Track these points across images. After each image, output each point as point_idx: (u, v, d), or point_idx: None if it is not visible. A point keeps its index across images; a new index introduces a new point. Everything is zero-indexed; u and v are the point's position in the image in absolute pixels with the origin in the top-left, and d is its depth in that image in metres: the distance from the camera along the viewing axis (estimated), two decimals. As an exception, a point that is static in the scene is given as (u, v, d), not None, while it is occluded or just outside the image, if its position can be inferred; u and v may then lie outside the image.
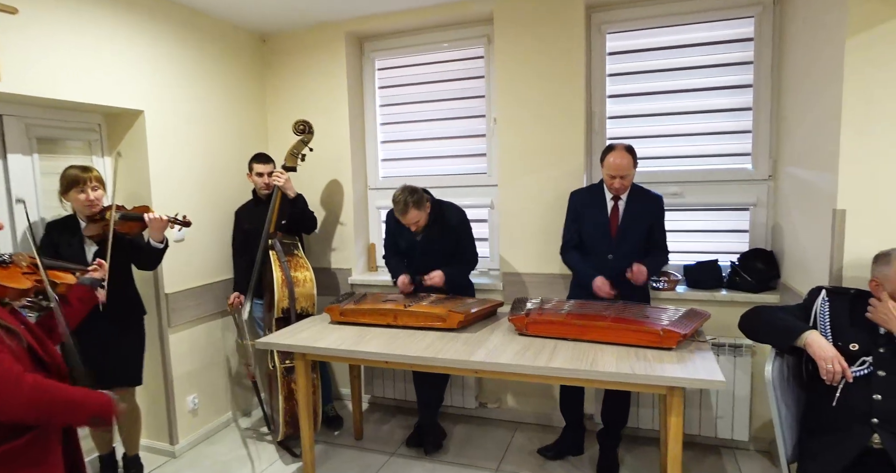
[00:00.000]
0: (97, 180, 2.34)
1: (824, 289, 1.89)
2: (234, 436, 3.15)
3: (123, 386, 2.45)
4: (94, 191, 2.32)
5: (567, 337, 2.24)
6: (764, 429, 2.74)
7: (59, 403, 1.33)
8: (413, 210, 2.59)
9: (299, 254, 3.02)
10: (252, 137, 3.49)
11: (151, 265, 2.51)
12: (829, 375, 1.69)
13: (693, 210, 2.95)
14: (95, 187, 2.32)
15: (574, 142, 2.95)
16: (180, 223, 2.47)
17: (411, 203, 2.57)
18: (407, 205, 2.57)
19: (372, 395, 3.49)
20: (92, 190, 2.31)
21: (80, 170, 2.31)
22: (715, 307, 2.73)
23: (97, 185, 2.33)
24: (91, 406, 1.40)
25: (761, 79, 2.76)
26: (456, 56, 3.33)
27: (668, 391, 1.88)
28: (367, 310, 2.57)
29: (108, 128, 2.83)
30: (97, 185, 2.33)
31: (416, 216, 2.62)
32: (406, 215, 2.60)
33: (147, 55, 2.76)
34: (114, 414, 1.47)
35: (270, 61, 3.56)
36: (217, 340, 3.23)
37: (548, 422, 3.14)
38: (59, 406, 1.34)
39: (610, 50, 3.00)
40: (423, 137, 3.45)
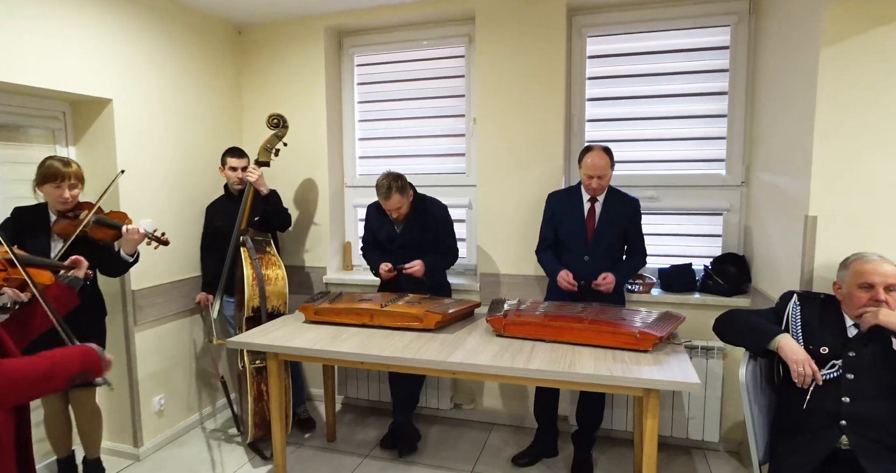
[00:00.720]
0: (77, 177, 2.20)
1: (796, 294, 1.93)
2: (201, 438, 3.06)
3: (81, 387, 2.33)
4: (71, 190, 2.19)
5: (544, 339, 2.24)
6: (733, 430, 2.80)
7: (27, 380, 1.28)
8: (396, 195, 2.57)
9: (271, 252, 2.95)
10: (226, 131, 3.39)
11: (116, 274, 2.41)
12: (800, 378, 1.73)
13: (668, 214, 2.99)
14: (74, 185, 2.19)
15: (553, 144, 2.96)
16: (158, 241, 2.35)
17: (395, 187, 2.56)
18: (391, 189, 2.56)
19: (345, 396, 3.44)
20: (69, 187, 2.18)
21: (61, 164, 2.17)
22: (688, 310, 2.77)
23: (76, 183, 2.20)
24: (67, 365, 1.36)
25: (736, 87, 2.82)
26: (436, 54, 3.30)
27: (645, 393, 1.89)
28: (343, 310, 2.53)
29: (73, 117, 2.72)
30: (76, 183, 2.20)
31: (398, 201, 2.59)
32: (389, 200, 2.58)
33: (117, 42, 2.65)
34: (100, 363, 1.44)
35: (246, 53, 3.47)
36: (185, 339, 3.13)
37: (522, 423, 3.14)
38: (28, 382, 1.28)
39: (590, 53, 3.02)
40: (401, 135, 3.42)
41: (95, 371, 1.42)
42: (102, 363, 1.44)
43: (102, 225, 2.23)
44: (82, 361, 1.39)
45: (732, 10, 2.78)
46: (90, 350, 1.44)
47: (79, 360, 1.39)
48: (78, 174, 2.22)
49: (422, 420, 3.20)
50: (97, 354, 1.44)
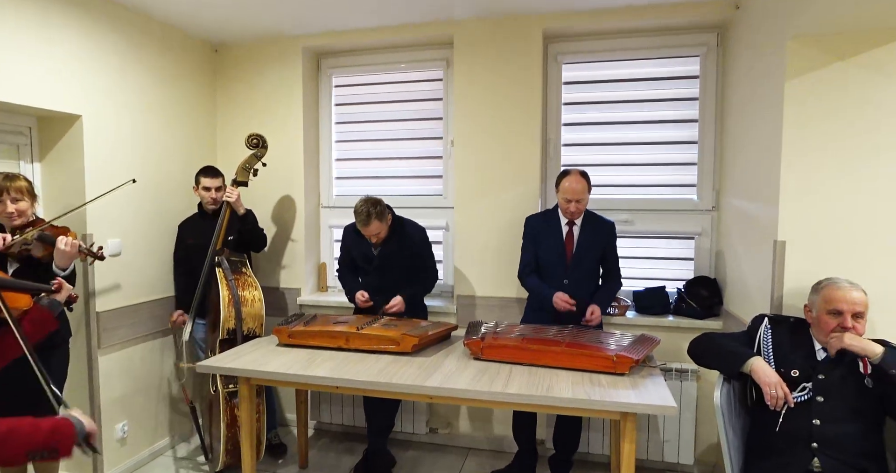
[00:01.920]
0: (20, 190, 2.11)
1: (767, 317, 1.98)
2: (167, 467, 2.93)
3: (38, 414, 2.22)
4: (15, 203, 2.10)
5: (522, 362, 2.23)
6: (708, 453, 2.82)
7: None
8: (375, 221, 2.56)
9: (247, 272, 2.89)
10: (200, 149, 3.35)
11: None
12: (772, 400, 1.75)
13: (642, 237, 3.05)
14: (17, 199, 2.11)
15: (530, 167, 3.00)
16: (92, 255, 2.24)
17: (374, 214, 2.55)
18: (370, 216, 2.54)
19: (318, 421, 3.36)
20: (12, 201, 2.10)
21: (2, 179, 2.10)
22: (662, 332, 2.80)
23: (18, 197, 2.11)
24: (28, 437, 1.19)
25: (706, 115, 2.91)
26: (415, 77, 3.34)
27: (622, 416, 1.89)
28: (317, 332, 2.48)
29: (39, 133, 2.64)
30: (18, 197, 2.11)
31: (377, 227, 2.59)
32: (368, 226, 2.57)
33: (88, 57, 2.60)
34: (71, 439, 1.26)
35: (223, 72, 3.45)
36: (153, 362, 3.02)
37: (499, 447, 3.11)
38: None
39: (566, 79, 3.09)
40: (379, 157, 3.42)
41: (63, 449, 1.25)
42: (74, 440, 1.27)
43: (44, 241, 2.13)
44: (49, 436, 1.23)
45: (701, 41, 2.89)
46: (65, 424, 1.27)
47: (44, 435, 1.23)
48: (21, 188, 2.13)
49: (396, 445, 3.14)
50: (72, 430, 1.27)
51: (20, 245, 2.10)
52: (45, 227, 2.16)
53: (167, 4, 2.78)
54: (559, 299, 2.49)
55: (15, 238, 2.09)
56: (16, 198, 2.11)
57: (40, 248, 2.14)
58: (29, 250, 2.13)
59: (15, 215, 2.12)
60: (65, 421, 1.27)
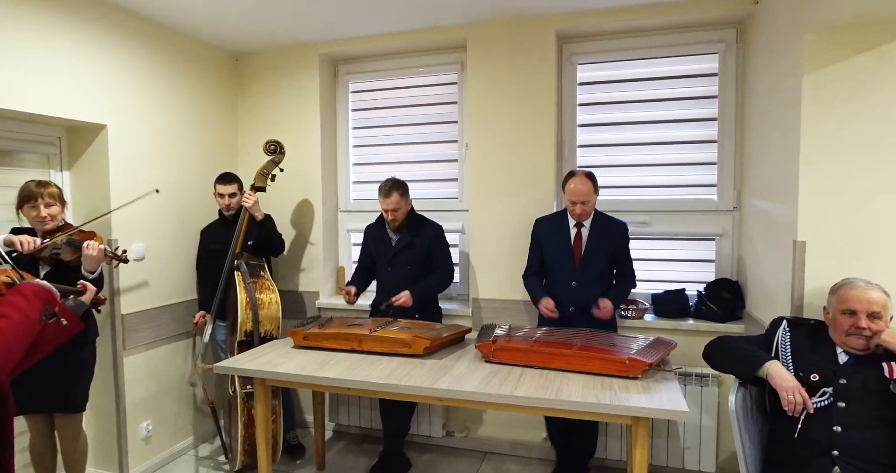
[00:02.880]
0: (51, 196, 2.23)
1: (785, 320, 1.91)
2: (189, 466, 3.00)
3: (65, 411, 2.31)
4: (48, 208, 2.21)
5: (533, 365, 2.21)
6: (731, 460, 2.73)
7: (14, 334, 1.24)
8: (395, 193, 2.67)
9: (265, 276, 2.94)
10: (221, 156, 3.43)
11: None
12: (790, 406, 1.69)
13: (661, 239, 2.98)
14: (49, 203, 2.22)
15: (545, 170, 2.98)
16: (117, 258, 2.33)
17: (396, 186, 2.69)
18: (392, 187, 2.68)
19: (336, 423, 3.39)
20: (45, 206, 2.21)
21: (35, 185, 2.22)
22: (681, 336, 2.74)
23: (51, 202, 2.22)
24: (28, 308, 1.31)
25: (725, 113, 2.84)
26: (430, 81, 3.36)
27: (633, 421, 1.86)
28: (332, 335, 2.51)
29: (68, 142, 2.75)
30: (51, 202, 2.22)
31: (397, 201, 2.68)
32: (389, 197, 2.68)
33: (113, 69, 2.70)
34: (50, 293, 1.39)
35: (243, 81, 3.54)
36: (176, 364, 3.10)
37: (516, 452, 3.08)
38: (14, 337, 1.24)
39: (581, 80, 3.06)
40: (395, 161, 3.45)
41: (53, 301, 1.38)
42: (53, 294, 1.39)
43: (72, 245, 2.23)
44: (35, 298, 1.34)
45: (720, 38, 2.83)
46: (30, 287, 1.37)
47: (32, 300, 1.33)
48: (53, 193, 2.24)
49: (413, 448, 3.14)
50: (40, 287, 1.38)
51: (50, 249, 2.20)
52: (73, 232, 2.26)
53: (190, 17, 2.86)
54: (543, 306, 2.52)
55: (45, 242, 2.18)
56: (48, 203, 2.22)
57: (69, 252, 2.23)
58: (59, 254, 2.23)
59: (47, 219, 2.22)
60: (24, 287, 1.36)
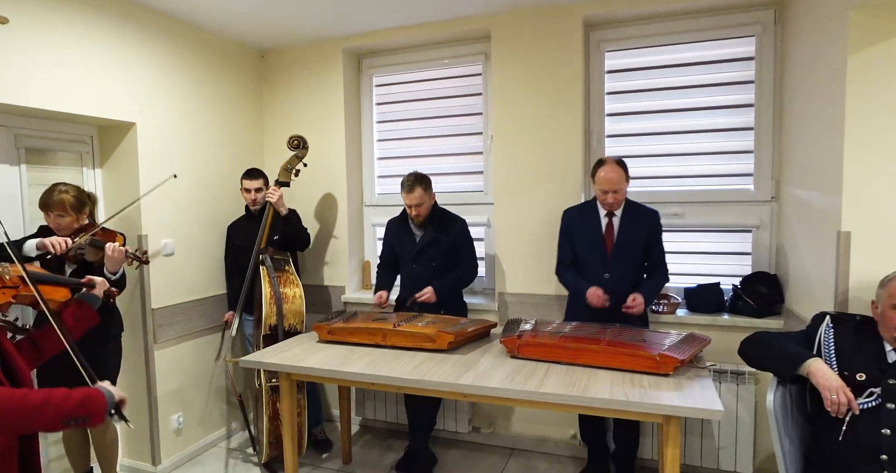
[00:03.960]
0: (62, 207, 2.20)
1: (828, 315, 1.80)
2: (219, 457, 3.05)
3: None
4: (59, 219, 2.21)
5: (560, 361, 2.15)
6: (768, 461, 2.62)
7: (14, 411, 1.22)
8: (419, 188, 2.64)
9: (290, 270, 2.96)
10: (248, 152, 3.46)
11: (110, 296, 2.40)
12: (833, 407, 1.59)
13: (694, 231, 2.87)
14: (60, 215, 2.20)
15: (572, 161, 2.90)
16: (138, 260, 2.33)
17: (419, 181, 2.66)
18: (415, 182, 2.65)
19: (363, 417, 3.39)
20: (56, 216, 2.20)
21: (52, 193, 2.21)
22: (716, 332, 2.63)
23: (62, 213, 2.20)
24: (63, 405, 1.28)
25: (762, 99, 2.71)
26: (454, 73, 3.31)
27: (664, 420, 1.78)
28: (356, 329, 2.50)
29: (100, 140, 2.81)
30: (62, 213, 2.20)
31: (420, 196, 2.65)
32: (412, 193, 2.64)
33: (141, 67, 2.75)
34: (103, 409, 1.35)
35: (268, 76, 3.55)
36: (205, 357, 3.15)
37: (544, 449, 3.02)
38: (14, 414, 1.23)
39: (609, 68, 2.96)
40: (419, 154, 3.42)
41: (95, 417, 1.33)
42: (104, 409, 1.36)
43: (95, 246, 2.24)
44: (80, 405, 1.31)
45: (757, 19, 2.69)
46: (96, 394, 1.35)
47: (76, 403, 1.30)
48: (63, 204, 2.19)
49: (439, 443, 3.12)
50: (103, 400, 1.35)
51: (75, 249, 2.23)
52: (95, 232, 2.28)
53: (216, 15, 2.88)
54: (592, 294, 2.39)
55: (74, 242, 2.22)
56: (59, 214, 2.21)
57: (92, 253, 2.27)
58: (83, 254, 2.26)
59: (60, 230, 2.23)
60: (95, 391, 1.37)
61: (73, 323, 1.70)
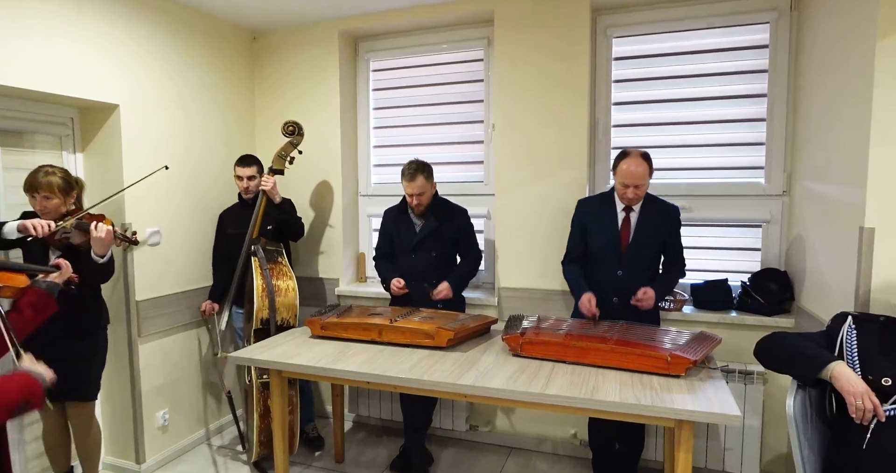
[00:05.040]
0: (50, 189, 2.10)
1: (851, 316, 1.71)
2: (207, 455, 2.94)
3: (76, 400, 2.25)
4: (45, 201, 2.10)
5: (565, 360, 2.06)
6: (775, 463, 2.55)
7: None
8: (420, 177, 2.54)
9: (283, 262, 2.84)
10: (239, 138, 3.32)
11: (96, 279, 2.25)
12: (858, 413, 1.50)
13: (702, 226, 2.78)
14: (47, 197, 2.10)
15: (577, 151, 2.79)
16: (127, 240, 2.22)
17: (421, 169, 2.55)
18: (417, 170, 2.55)
19: (357, 414, 3.29)
20: (43, 199, 2.10)
21: (39, 175, 2.10)
22: (724, 329, 2.55)
23: (49, 195, 2.10)
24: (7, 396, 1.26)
25: (776, 89, 2.61)
26: (454, 58, 3.18)
27: (677, 424, 1.69)
28: (350, 324, 2.39)
29: (81, 123, 2.67)
30: (49, 195, 2.10)
31: (422, 185, 2.55)
32: (413, 181, 2.54)
33: (126, 46, 2.60)
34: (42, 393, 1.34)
35: (260, 59, 3.41)
36: (193, 352, 3.03)
37: (543, 448, 2.94)
38: None
39: (616, 55, 2.85)
40: (418, 143, 3.29)
41: (37, 401, 1.32)
42: (42, 391, 1.35)
43: (81, 229, 2.14)
44: (22, 392, 1.30)
45: (772, 5, 2.58)
46: (29, 379, 1.34)
47: (18, 392, 1.29)
48: (53, 186, 2.10)
49: (435, 442, 3.03)
50: (37, 382, 1.35)
51: (60, 233, 2.12)
52: (82, 216, 2.17)
53: (201, -10, 2.74)
54: (583, 303, 2.30)
55: (56, 225, 2.10)
56: (46, 196, 2.11)
57: (78, 236, 2.15)
58: (69, 238, 2.15)
59: (45, 212, 2.12)
60: (28, 377, 1.35)
61: (31, 312, 1.59)
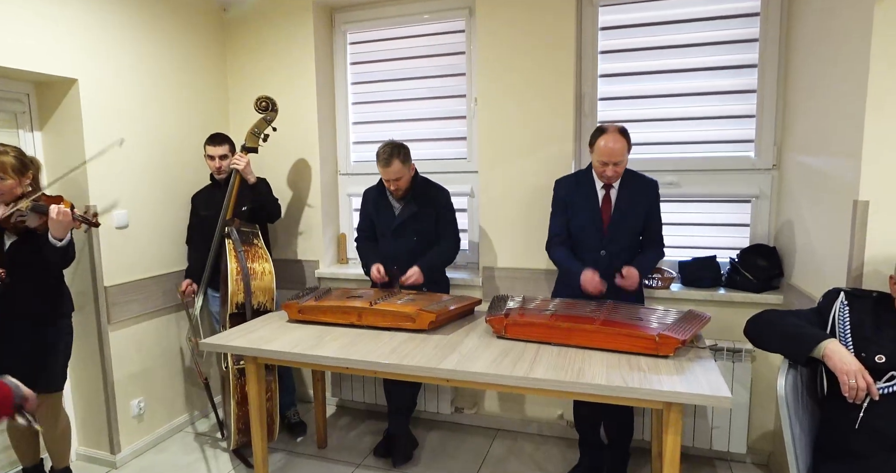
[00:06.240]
0: (3, 170, 1.96)
1: (843, 292, 1.66)
2: (185, 443, 2.86)
3: (41, 391, 2.15)
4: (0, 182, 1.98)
5: (551, 342, 1.99)
6: (762, 441, 2.53)
7: None
8: (396, 161, 2.39)
9: (258, 244, 2.73)
10: (211, 115, 3.17)
11: (56, 265, 2.11)
12: (851, 392, 1.46)
13: (690, 201, 2.71)
14: (0, 177, 1.97)
15: (562, 126, 2.69)
16: (87, 222, 2.08)
17: (396, 154, 2.39)
18: (392, 155, 2.38)
19: (340, 398, 3.23)
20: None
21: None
22: (713, 307, 2.50)
23: (2, 176, 1.97)
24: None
25: (767, 58, 2.52)
26: (435, 29, 3.04)
27: (665, 406, 1.64)
28: (329, 308, 2.30)
29: (38, 99, 2.51)
30: (2, 176, 1.97)
31: (399, 170, 2.41)
32: (389, 167, 2.39)
33: (84, 15, 2.43)
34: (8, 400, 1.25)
35: (232, 32, 3.24)
36: (168, 338, 2.93)
37: (529, 429, 2.90)
38: None
39: (602, 24, 2.73)
40: (398, 119, 3.17)
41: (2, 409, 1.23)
42: (11, 401, 1.24)
43: (38, 211, 2.01)
44: None
45: (764, -29, 2.48)
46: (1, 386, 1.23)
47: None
48: (4, 166, 1.97)
49: (420, 425, 2.98)
50: (8, 391, 1.24)
51: (16, 216, 2.00)
52: (37, 197, 2.04)
53: (163, -45, 2.56)
54: (588, 281, 2.17)
55: (9, 208, 1.98)
56: (0, 177, 1.98)
57: (35, 219, 2.03)
58: (24, 221, 2.02)
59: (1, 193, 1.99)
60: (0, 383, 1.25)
61: None
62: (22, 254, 2.05)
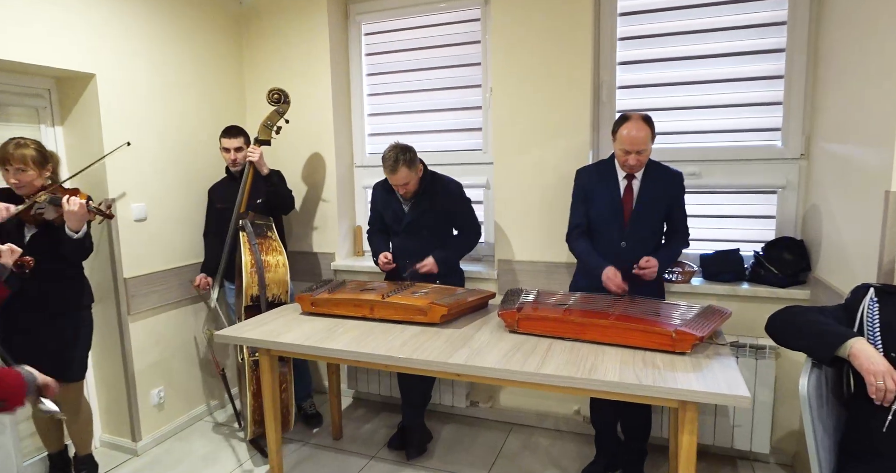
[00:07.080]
0: (23, 160, 2.01)
1: (873, 288, 1.57)
2: (204, 432, 2.91)
3: (61, 381, 2.19)
4: (19, 174, 2.01)
5: (564, 337, 1.95)
6: (786, 440, 2.45)
7: None
8: (404, 168, 2.33)
9: (272, 236, 2.74)
10: (227, 108, 3.19)
11: (74, 256, 2.15)
12: (879, 394, 1.38)
13: (713, 192, 2.62)
14: (20, 169, 2.01)
15: (579, 115, 2.62)
16: (101, 214, 2.11)
17: (402, 160, 2.33)
18: (398, 162, 2.32)
19: (356, 390, 3.24)
20: (15, 171, 2.00)
21: (11, 147, 2.01)
22: (735, 302, 2.42)
23: (23, 167, 2.01)
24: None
25: (795, 43, 2.40)
26: (450, 19, 2.99)
27: (681, 405, 1.59)
28: (341, 301, 2.29)
29: (59, 94, 2.55)
30: (23, 167, 2.01)
31: (405, 176, 2.36)
32: (396, 174, 2.34)
33: (101, 10, 2.45)
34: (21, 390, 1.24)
35: (248, 25, 3.24)
36: (187, 328, 2.97)
37: (545, 424, 2.87)
38: None
39: (621, 10, 2.64)
40: (413, 110, 3.13)
41: (13, 399, 1.21)
42: (24, 390, 1.23)
43: (54, 204, 2.05)
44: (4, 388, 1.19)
45: (793, -50, 2.36)
46: (10, 374, 1.23)
47: None
48: (27, 157, 2.01)
49: (434, 418, 2.97)
50: (20, 380, 1.23)
51: (35, 209, 2.04)
52: (54, 189, 2.08)
53: (177, -52, 2.57)
54: (609, 280, 2.12)
55: (28, 202, 2.02)
56: (19, 168, 2.02)
57: (52, 211, 2.08)
58: (42, 213, 2.07)
59: (21, 185, 2.04)
60: (12, 372, 1.24)
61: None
62: (41, 246, 2.09)
